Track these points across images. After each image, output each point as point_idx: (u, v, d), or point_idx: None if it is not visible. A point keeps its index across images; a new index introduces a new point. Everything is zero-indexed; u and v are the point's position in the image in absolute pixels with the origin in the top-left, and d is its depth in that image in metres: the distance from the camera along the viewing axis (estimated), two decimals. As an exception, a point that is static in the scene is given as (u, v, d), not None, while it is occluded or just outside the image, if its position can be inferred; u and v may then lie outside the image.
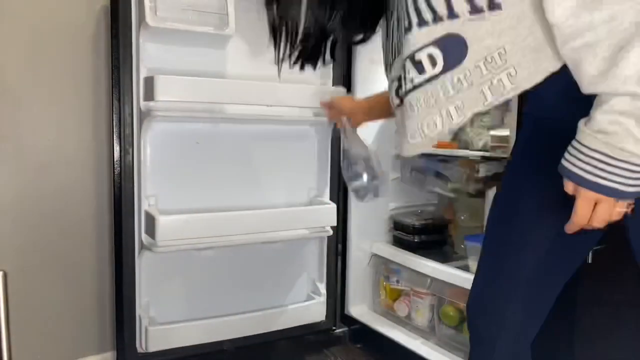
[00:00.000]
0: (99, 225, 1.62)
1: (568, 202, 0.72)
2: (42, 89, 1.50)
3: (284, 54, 0.90)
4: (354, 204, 1.88)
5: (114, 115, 1.48)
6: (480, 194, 1.74)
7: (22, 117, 1.48)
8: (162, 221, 1.44)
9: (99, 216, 1.62)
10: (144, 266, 1.56)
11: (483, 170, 1.65)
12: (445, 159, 1.86)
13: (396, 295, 1.87)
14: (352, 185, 1.27)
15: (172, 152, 1.59)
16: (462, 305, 1.67)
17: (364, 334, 1.87)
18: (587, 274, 1.11)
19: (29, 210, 1.51)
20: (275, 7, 0.84)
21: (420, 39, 0.73)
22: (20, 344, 1.50)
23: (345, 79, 1.81)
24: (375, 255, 1.93)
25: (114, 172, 1.49)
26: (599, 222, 0.70)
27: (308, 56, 0.91)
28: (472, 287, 0.99)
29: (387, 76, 0.88)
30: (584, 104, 0.68)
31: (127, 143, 1.49)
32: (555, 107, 0.87)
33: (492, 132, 1.56)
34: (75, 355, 1.62)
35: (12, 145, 1.47)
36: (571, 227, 0.73)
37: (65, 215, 1.56)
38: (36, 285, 1.54)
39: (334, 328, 1.88)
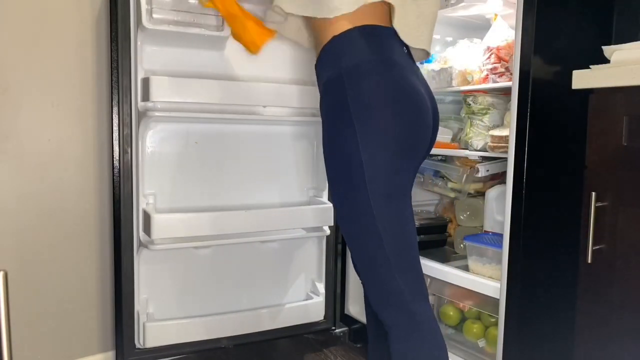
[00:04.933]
0: (99, 224, 1.62)
1: None
2: (42, 89, 1.51)
3: None
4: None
5: (113, 116, 1.49)
6: (480, 194, 1.74)
7: (22, 117, 1.48)
8: (157, 219, 1.45)
9: (98, 215, 1.62)
10: (143, 263, 1.57)
11: (483, 170, 1.65)
12: (445, 159, 1.86)
13: (396, 295, 1.87)
14: None
15: (171, 152, 1.60)
16: (462, 305, 1.67)
17: (363, 334, 1.87)
18: (587, 274, 1.12)
19: (29, 210, 1.51)
20: None
21: None
22: (21, 343, 1.51)
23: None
24: (375, 255, 1.93)
25: (113, 171, 1.50)
26: None
27: None
28: None
29: None
30: None
31: (125, 143, 1.50)
32: None
33: (492, 132, 1.56)
34: (76, 355, 1.62)
35: (12, 145, 1.48)
36: None
37: (65, 215, 1.57)
38: (36, 285, 1.54)
39: (333, 328, 1.88)
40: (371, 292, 1.04)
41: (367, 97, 0.97)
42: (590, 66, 1.11)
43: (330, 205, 1.73)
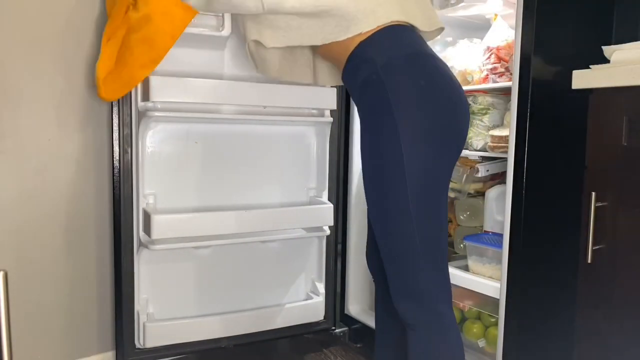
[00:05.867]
0: (99, 224, 1.62)
1: None
2: (42, 89, 1.51)
3: None
4: (353, 204, 1.89)
5: (113, 116, 1.49)
6: (480, 194, 1.74)
7: (22, 117, 1.48)
8: (156, 219, 1.45)
9: (98, 215, 1.62)
10: (143, 263, 1.57)
11: (483, 170, 1.65)
12: (445, 159, 1.86)
13: (396, 295, 1.87)
14: None
15: (171, 152, 1.60)
16: (462, 305, 1.68)
17: (363, 334, 1.87)
18: (587, 274, 1.12)
19: (29, 210, 1.51)
20: None
21: None
22: (21, 343, 1.51)
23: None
24: (375, 255, 1.93)
25: (113, 171, 1.50)
26: None
27: None
28: None
29: None
30: None
31: (125, 143, 1.50)
32: None
33: (492, 132, 1.56)
34: (76, 355, 1.62)
35: (12, 145, 1.48)
36: None
37: (65, 215, 1.57)
38: (36, 285, 1.54)
39: (333, 328, 1.88)
40: (397, 289, 1.03)
41: (408, 90, 0.98)
42: (590, 66, 1.11)
43: (331, 205, 1.73)
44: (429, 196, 0.99)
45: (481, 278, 1.50)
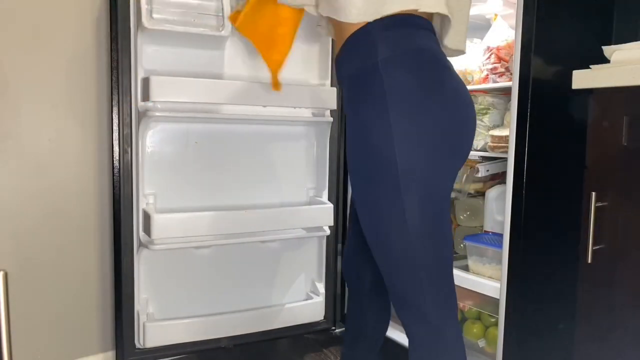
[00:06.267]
0: (99, 224, 1.62)
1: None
2: (42, 89, 1.51)
3: None
4: (353, 203, 1.89)
5: (113, 116, 1.49)
6: (480, 194, 1.74)
7: (22, 117, 1.48)
8: (157, 219, 1.45)
9: (99, 215, 1.62)
10: (143, 263, 1.57)
11: (483, 170, 1.65)
12: (445, 159, 1.86)
13: (396, 295, 1.87)
14: None
15: (171, 152, 1.60)
16: (462, 305, 1.67)
17: (363, 334, 1.87)
18: (587, 274, 1.12)
19: (29, 210, 1.51)
20: None
21: None
22: (21, 343, 1.51)
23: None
24: (375, 255, 1.93)
25: (113, 171, 1.50)
26: None
27: None
28: None
29: None
30: None
31: (125, 143, 1.50)
32: None
33: (492, 132, 1.56)
34: (76, 355, 1.62)
35: (12, 144, 1.48)
36: None
37: (65, 215, 1.57)
38: (36, 285, 1.54)
39: (333, 328, 1.88)
40: (397, 303, 0.96)
41: (410, 88, 0.88)
42: (590, 66, 1.11)
43: (331, 205, 1.73)
44: (429, 207, 0.90)
45: (481, 278, 1.50)
